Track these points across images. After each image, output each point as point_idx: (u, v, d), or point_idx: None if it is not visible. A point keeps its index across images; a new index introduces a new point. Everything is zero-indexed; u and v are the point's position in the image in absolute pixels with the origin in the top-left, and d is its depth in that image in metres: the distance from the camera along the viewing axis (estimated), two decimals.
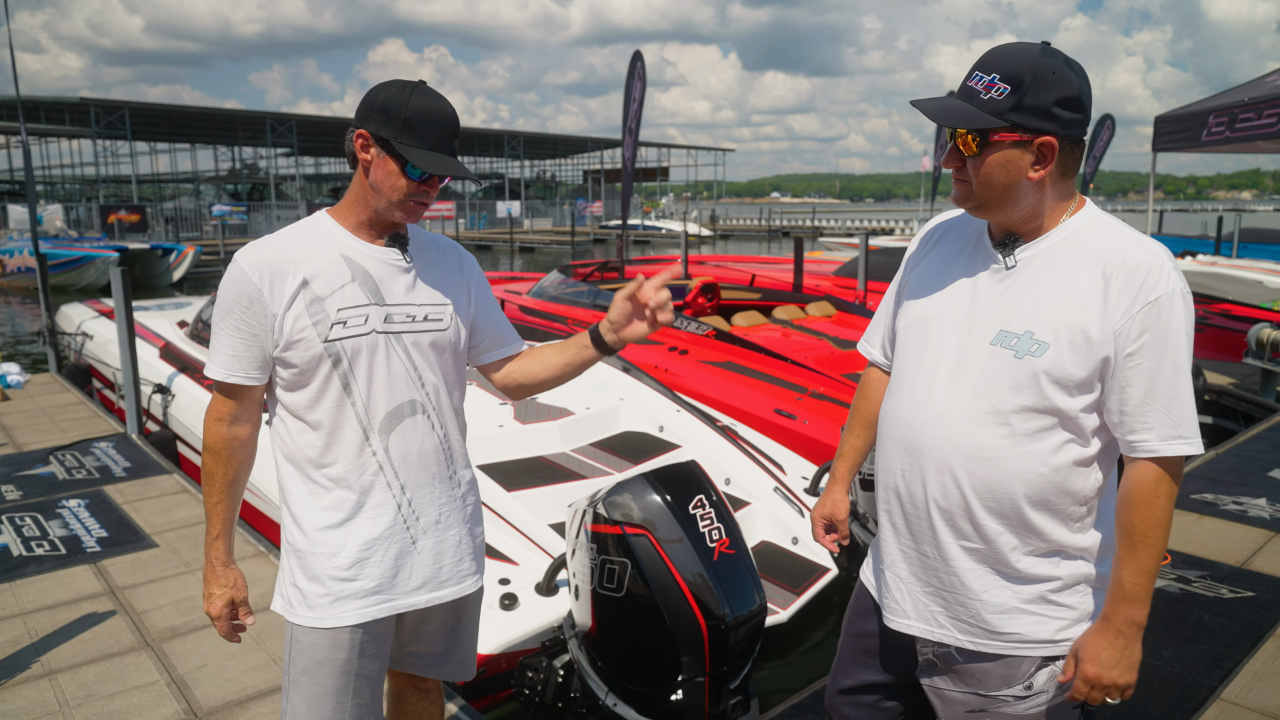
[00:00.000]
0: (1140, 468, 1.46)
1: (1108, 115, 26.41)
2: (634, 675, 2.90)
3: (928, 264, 1.70)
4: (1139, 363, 1.42)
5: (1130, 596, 1.46)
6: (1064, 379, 1.45)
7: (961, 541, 1.57)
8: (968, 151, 1.49)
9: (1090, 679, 1.48)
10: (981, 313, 1.54)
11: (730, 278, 10.51)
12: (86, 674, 3.07)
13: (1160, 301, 1.41)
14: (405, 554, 1.78)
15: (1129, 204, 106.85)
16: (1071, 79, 1.44)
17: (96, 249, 20.91)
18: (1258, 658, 3.15)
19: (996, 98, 1.44)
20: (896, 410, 1.65)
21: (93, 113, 32.28)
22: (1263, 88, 7.46)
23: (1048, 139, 1.44)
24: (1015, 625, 1.55)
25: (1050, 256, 1.50)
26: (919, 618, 1.65)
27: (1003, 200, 1.49)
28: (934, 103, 1.53)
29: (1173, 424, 1.43)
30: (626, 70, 11.73)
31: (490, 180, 55.05)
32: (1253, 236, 20.60)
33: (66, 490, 4.94)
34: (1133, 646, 1.48)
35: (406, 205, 1.71)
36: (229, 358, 1.71)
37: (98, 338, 7.74)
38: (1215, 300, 10.19)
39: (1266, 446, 5.78)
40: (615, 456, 4.62)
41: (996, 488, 1.51)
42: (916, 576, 1.65)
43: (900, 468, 1.63)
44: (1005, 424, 1.50)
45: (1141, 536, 1.45)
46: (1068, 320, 1.45)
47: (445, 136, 1.70)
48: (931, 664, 1.66)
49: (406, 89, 1.68)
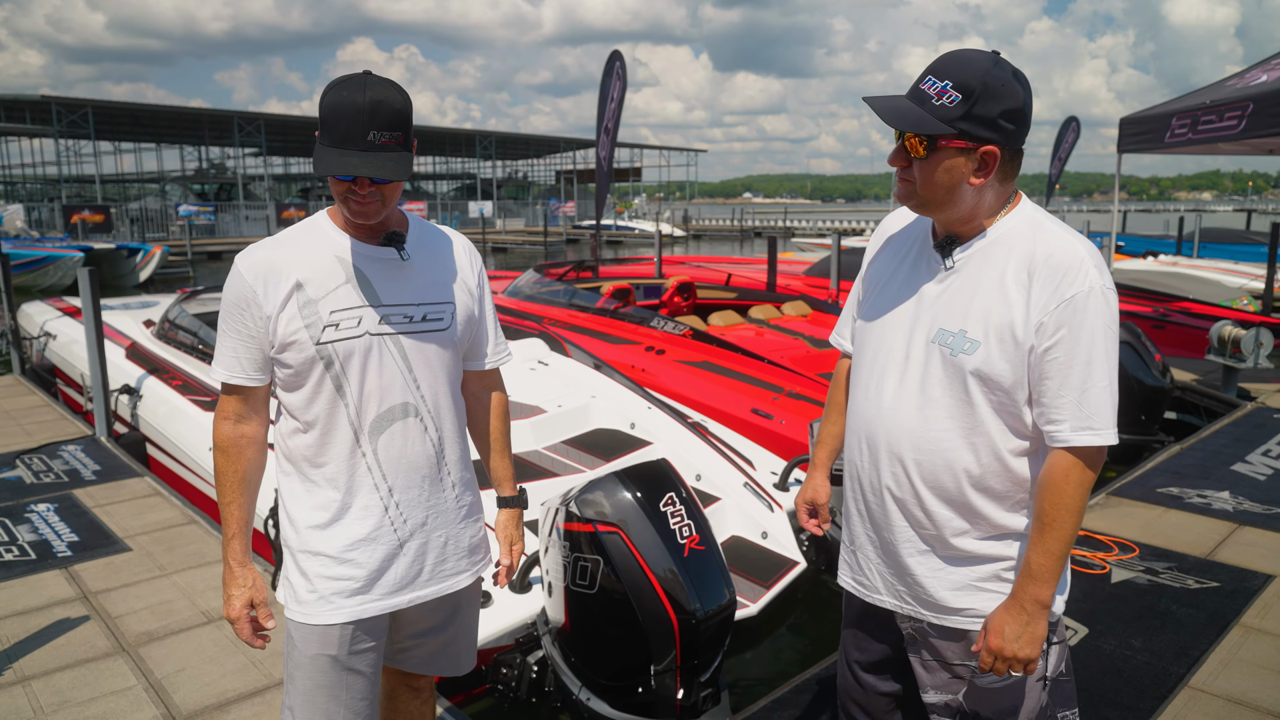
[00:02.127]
0: (1055, 456, 1.54)
1: (1073, 117, 26.83)
2: (607, 670, 2.93)
3: (880, 262, 1.79)
4: (1054, 357, 1.50)
5: (1036, 576, 1.54)
6: (994, 375, 1.54)
7: (914, 528, 1.67)
8: (914, 154, 1.54)
9: (994, 650, 1.57)
10: (924, 312, 1.64)
11: (706, 277, 10.55)
12: (61, 680, 3.03)
13: (1076, 299, 1.48)
14: (391, 555, 1.79)
15: (1094, 204, 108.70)
16: (1018, 92, 1.51)
17: (60, 249, 20.52)
18: (1223, 646, 3.24)
19: (948, 105, 1.50)
20: (855, 406, 1.77)
21: (55, 111, 31.66)
22: (1224, 91, 7.63)
23: (991, 148, 1.51)
24: (968, 601, 1.66)
25: (984, 257, 1.58)
26: (890, 594, 1.76)
27: (944, 202, 1.57)
28: (886, 103, 1.57)
29: (1084, 416, 1.49)
30: (601, 70, 11.73)
31: (462, 180, 54.73)
32: (1212, 236, 21.08)
33: (34, 494, 4.85)
34: (1036, 623, 1.55)
35: (348, 205, 1.66)
36: (231, 359, 1.73)
37: (61, 337, 7.59)
38: (1177, 299, 10.42)
39: (1229, 441, 5.93)
40: (587, 454, 4.63)
41: (941, 476, 1.61)
42: (881, 559, 1.76)
43: (860, 458, 1.74)
44: (948, 417, 1.59)
45: (1050, 521, 1.52)
46: (995, 319, 1.53)
47: (354, 132, 1.58)
48: (912, 638, 1.77)
49: (332, 86, 1.63)
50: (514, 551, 2.05)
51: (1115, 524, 4.45)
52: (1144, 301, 10.26)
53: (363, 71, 1.66)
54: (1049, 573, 1.53)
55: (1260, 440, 5.92)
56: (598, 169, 12.12)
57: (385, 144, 1.61)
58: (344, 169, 1.59)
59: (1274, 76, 7.14)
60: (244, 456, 1.76)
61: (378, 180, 1.62)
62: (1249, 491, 4.91)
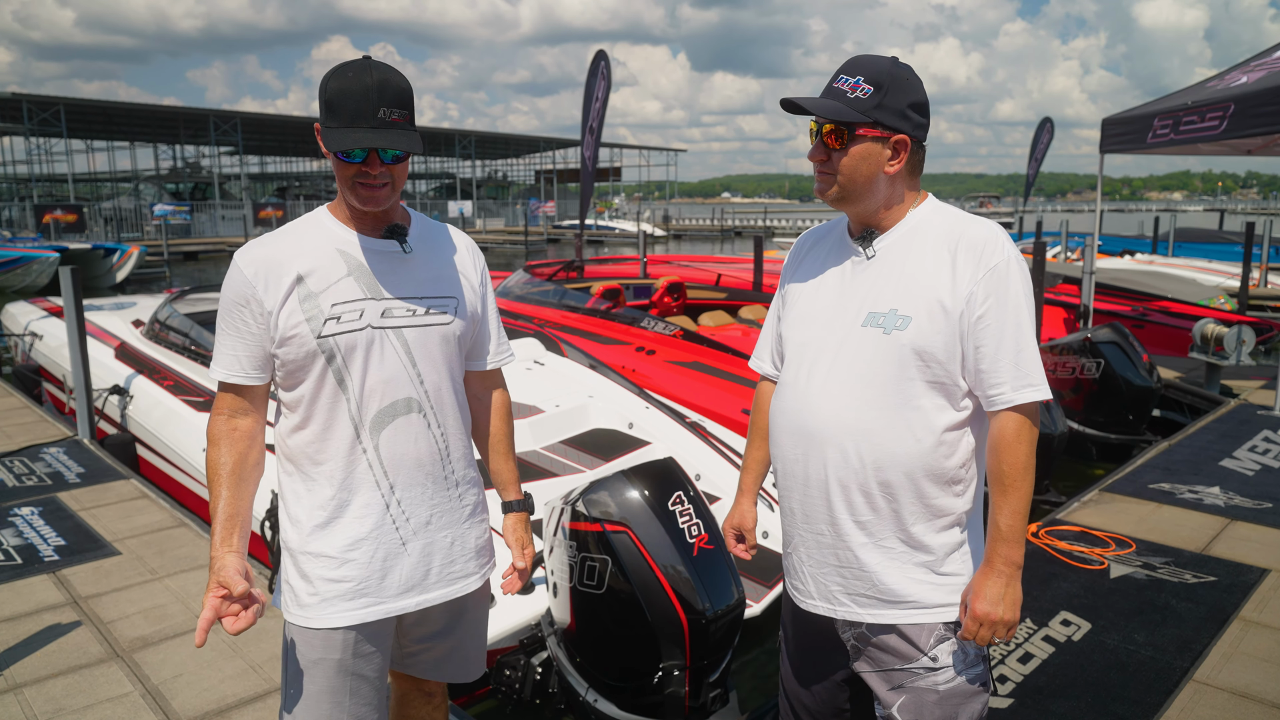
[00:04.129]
0: (1002, 418, 1.61)
1: (1047, 118, 27.09)
2: (614, 670, 2.90)
3: (802, 271, 1.84)
4: (987, 324, 1.59)
5: (1007, 538, 1.60)
6: (928, 347, 1.60)
7: (855, 516, 1.68)
8: (833, 146, 1.65)
9: (979, 616, 1.60)
10: (850, 300, 1.70)
11: (696, 277, 10.54)
12: (54, 687, 2.95)
13: (998, 268, 1.59)
14: (394, 555, 1.74)
15: (1068, 204, 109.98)
16: (920, 86, 1.67)
17: (34, 249, 20.17)
18: (1225, 639, 3.27)
19: (862, 97, 1.62)
20: (783, 403, 1.78)
21: (25, 109, 31.12)
22: (1204, 92, 7.73)
23: (902, 137, 1.64)
24: (909, 592, 1.67)
25: (904, 242, 1.68)
26: (821, 597, 1.76)
27: (862, 192, 1.67)
28: (807, 100, 1.67)
29: (1022, 374, 1.58)
30: (579, 69, 11.71)
31: (441, 180, 54.37)
32: (1187, 236, 21.42)
33: (17, 498, 4.74)
34: (1013, 585, 1.61)
35: (355, 190, 1.65)
36: (229, 358, 1.69)
37: (48, 338, 7.46)
38: (1156, 298, 10.55)
39: (1215, 437, 6.00)
40: (586, 454, 4.61)
41: (882, 458, 1.64)
42: (814, 558, 1.75)
43: (794, 454, 1.74)
44: (883, 396, 1.63)
45: (1011, 481, 1.59)
46: (924, 293, 1.62)
47: (364, 110, 1.59)
48: (855, 648, 1.76)
49: (334, 72, 1.63)
50: (526, 556, 2.01)
51: (1110, 520, 4.48)
52: (1124, 300, 10.38)
53: (363, 56, 1.67)
54: (1018, 533, 1.59)
55: (1246, 436, 5.99)
56: (582, 168, 12.08)
57: (395, 121, 1.61)
58: (360, 142, 1.58)
59: (1255, 78, 7.24)
60: (235, 449, 1.70)
61: (387, 160, 1.63)
62: (1238, 487, 4.96)
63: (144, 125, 42.27)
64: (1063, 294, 10.29)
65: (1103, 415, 6.39)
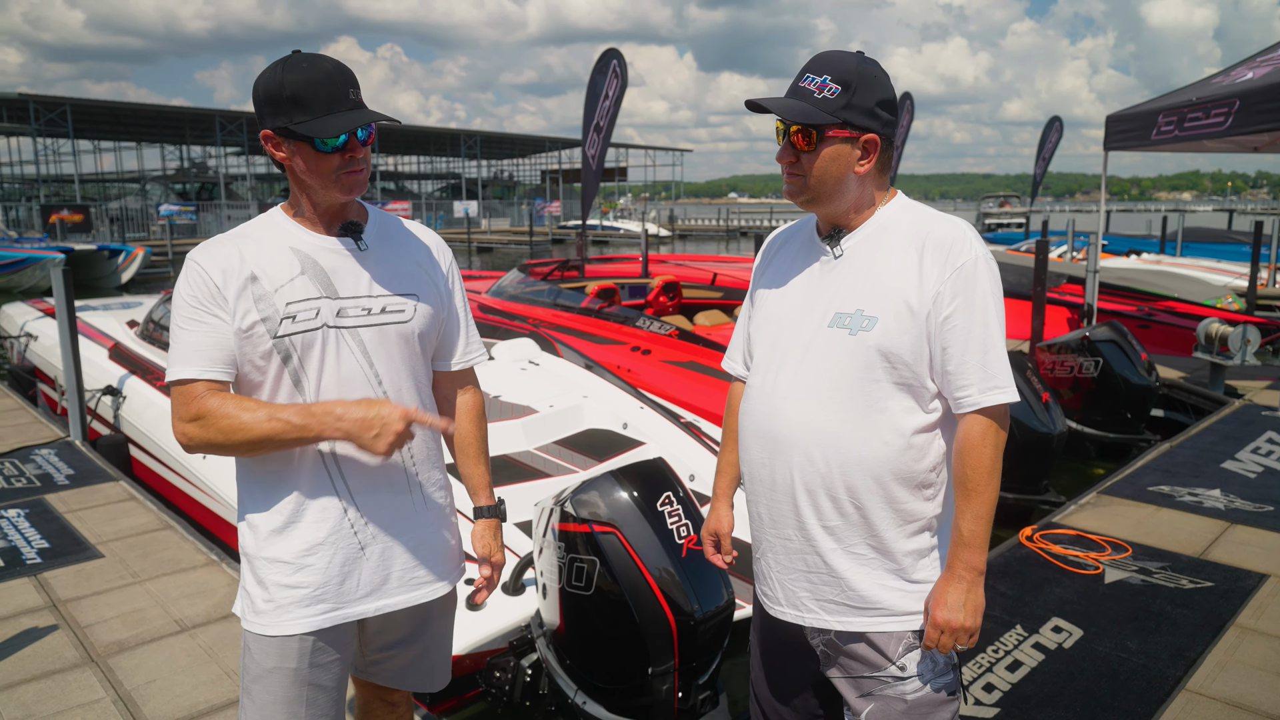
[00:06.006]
0: (968, 421, 1.57)
1: (1055, 117, 26.95)
2: (603, 672, 2.88)
3: (771, 271, 1.81)
4: (954, 324, 1.55)
5: (968, 543, 1.57)
6: (894, 348, 1.57)
7: (823, 521, 1.64)
8: (802, 148, 1.61)
9: (940, 624, 1.57)
10: (817, 300, 1.67)
11: (692, 276, 10.48)
12: (25, 693, 2.92)
13: (966, 267, 1.56)
14: (352, 560, 1.70)
15: (1076, 204, 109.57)
16: (887, 84, 1.63)
17: (39, 250, 20.23)
18: (1220, 647, 3.19)
19: (830, 97, 1.59)
20: (751, 406, 1.75)
21: (32, 109, 31.24)
22: (1209, 88, 7.63)
23: (872, 136, 1.61)
24: (879, 599, 1.64)
25: (871, 241, 1.65)
26: (789, 604, 1.73)
27: (832, 193, 1.64)
28: (775, 101, 1.64)
29: (989, 376, 1.55)
30: (587, 69, 11.64)
31: (447, 180, 54.47)
32: (1195, 236, 21.26)
33: (5, 500, 4.72)
34: (975, 591, 1.58)
35: (341, 181, 1.64)
36: (194, 354, 1.61)
37: (43, 339, 7.46)
38: (1162, 298, 10.44)
39: (1218, 439, 5.91)
40: (579, 454, 4.57)
41: (849, 462, 1.60)
42: (781, 563, 1.73)
43: (761, 457, 1.71)
44: (850, 399, 1.60)
45: (974, 486, 1.56)
46: (890, 294, 1.58)
47: (336, 95, 1.59)
48: (826, 655, 1.73)
49: (275, 70, 1.61)
50: (494, 564, 1.96)
51: (1107, 523, 4.41)
52: (1129, 301, 10.28)
53: (291, 51, 1.67)
54: (980, 538, 1.57)
55: (1249, 438, 5.90)
56: (584, 167, 12.00)
57: (360, 100, 1.64)
58: (355, 121, 1.58)
59: (1260, 74, 7.14)
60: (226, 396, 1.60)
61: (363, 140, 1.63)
62: (1240, 489, 4.88)
63: (150, 126, 42.44)
64: (1067, 293, 10.20)
65: (1101, 414, 6.32)
